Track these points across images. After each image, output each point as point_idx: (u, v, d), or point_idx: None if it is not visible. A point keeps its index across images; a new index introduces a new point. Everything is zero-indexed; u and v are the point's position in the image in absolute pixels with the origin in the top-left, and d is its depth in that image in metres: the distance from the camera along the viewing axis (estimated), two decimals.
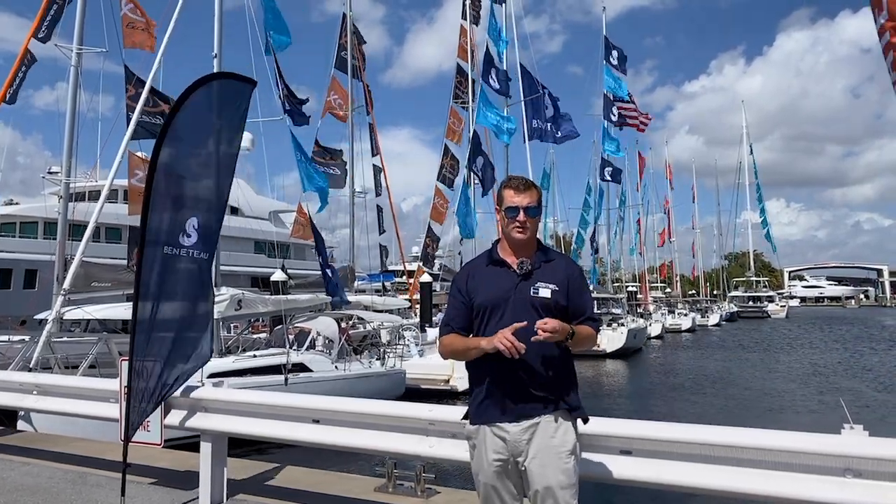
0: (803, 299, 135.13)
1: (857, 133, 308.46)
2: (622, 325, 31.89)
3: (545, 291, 2.72)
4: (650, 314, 47.31)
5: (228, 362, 12.24)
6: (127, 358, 4.47)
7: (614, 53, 35.51)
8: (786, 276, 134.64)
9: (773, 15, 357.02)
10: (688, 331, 48.94)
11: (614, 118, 36.52)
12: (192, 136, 4.59)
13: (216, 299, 13.05)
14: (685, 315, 53.02)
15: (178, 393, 4.68)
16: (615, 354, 29.54)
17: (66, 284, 11.70)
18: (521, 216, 2.75)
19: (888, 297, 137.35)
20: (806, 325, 56.85)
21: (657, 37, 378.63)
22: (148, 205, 4.23)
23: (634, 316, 40.06)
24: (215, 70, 14.37)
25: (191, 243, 4.44)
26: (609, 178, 41.10)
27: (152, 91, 14.66)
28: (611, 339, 30.09)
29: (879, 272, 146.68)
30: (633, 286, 52.10)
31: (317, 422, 4.19)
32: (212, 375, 11.37)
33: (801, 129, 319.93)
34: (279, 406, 4.35)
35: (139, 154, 15.14)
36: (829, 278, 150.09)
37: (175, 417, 4.68)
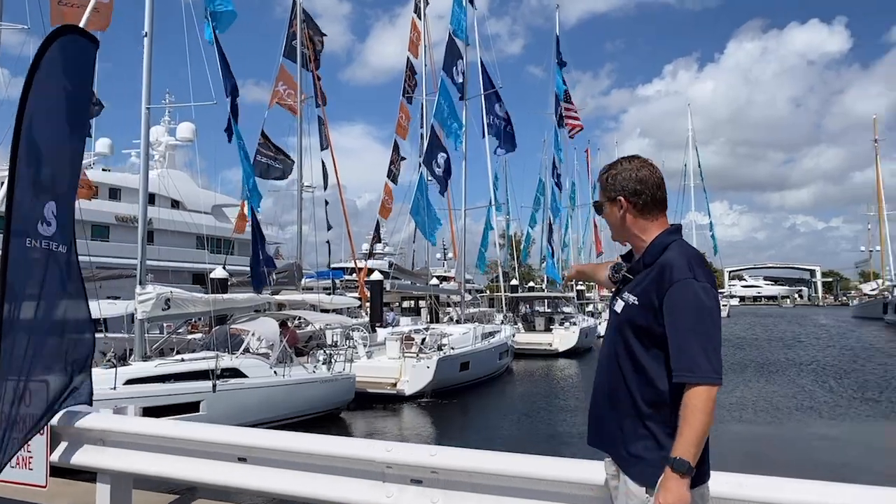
0: (742, 298, 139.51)
1: (796, 140, 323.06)
2: (574, 324, 31.68)
3: (619, 305, 2.19)
4: (599, 313, 47.49)
5: (150, 367, 11.12)
6: None
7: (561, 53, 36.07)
8: (726, 275, 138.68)
9: (729, 23, 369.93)
10: None
11: (558, 118, 36.94)
12: (47, 104, 3.73)
13: (140, 298, 11.94)
14: None
15: (69, 421, 3.76)
16: (567, 353, 29.33)
17: None
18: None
19: (820, 296, 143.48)
20: (749, 324, 58.20)
21: (617, 40, 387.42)
22: (13, 188, 3.32)
23: (585, 315, 40.02)
24: (146, 52, 13.14)
25: (50, 233, 3.54)
26: (556, 181, 41.39)
27: None
28: (563, 338, 29.92)
29: (812, 273, 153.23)
30: (582, 285, 52.24)
31: (243, 460, 3.33)
32: (130, 382, 10.27)
33: (745, 135, 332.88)
34: (196, 440, 3.46)
35: None
36: (766, 278, 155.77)
37: (64, 452, 3.75)
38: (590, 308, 46.67)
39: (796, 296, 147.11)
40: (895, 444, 13.20)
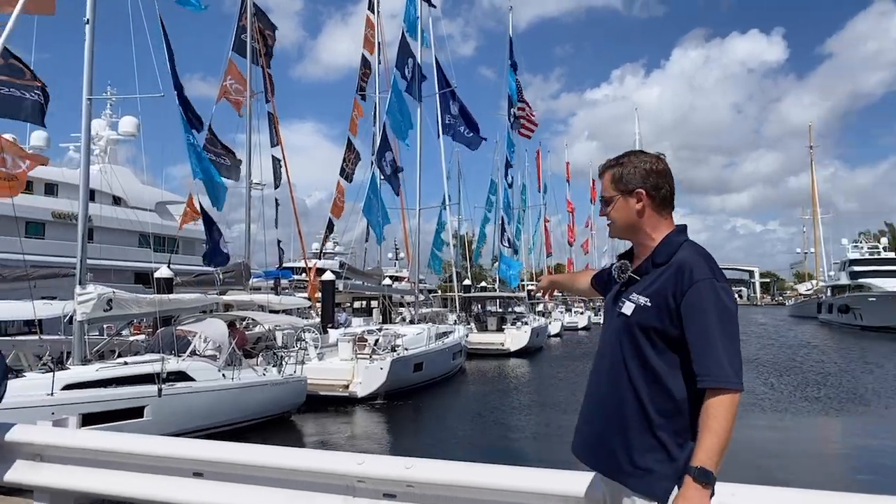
0: None
1: (736, 146, 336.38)
2: (526, 323, 31.88)
3: (627, 307, 2.02)
4: (549, 313, 48.02)
5: (90, 371, 10.53)
6: None
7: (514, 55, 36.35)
8: None
9: (674, 31, 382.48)
10: (584, 329, 50.41)
11: (512, 119, 37.11)
12: None
13: (80, 299, 11.35)
14: (581, 313, 54.50)
15: (1, 434, 3.43)
16: (518, 353, 29.50)
17: None
18: (602, 209, 2.19)
19: (759, 296, 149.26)
20: None
21: (566, 45, 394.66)
22: None
23: (535, 315, 40.38)
24: (88, 40, 12.49)
25: None
26: (508, 182, 41.73)
27: (10, 56, 12.56)
28: (514, 337, 30.06)
29: (751, 273, 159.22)
30: (532, 285, 52.72)
31: (199, 475, 3.09)
32: (68, 387, 9.73)
33: (689, 139, 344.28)
34: (148, 454, 3.20)
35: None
36: None
37: None
38: (540, 308, 47.12)
39: (736, 296, 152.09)
40: (838, 441, 13.68)
